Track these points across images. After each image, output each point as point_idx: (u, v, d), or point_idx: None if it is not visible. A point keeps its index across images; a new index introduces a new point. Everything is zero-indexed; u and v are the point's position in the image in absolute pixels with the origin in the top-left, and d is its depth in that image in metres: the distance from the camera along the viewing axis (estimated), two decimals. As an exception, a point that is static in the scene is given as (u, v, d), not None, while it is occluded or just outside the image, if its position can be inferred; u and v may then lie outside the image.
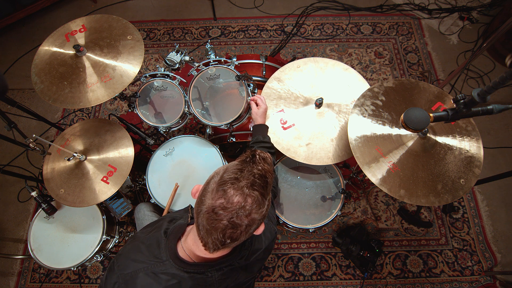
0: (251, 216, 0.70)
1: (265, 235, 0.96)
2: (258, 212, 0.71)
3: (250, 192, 0.70)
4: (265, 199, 0.73)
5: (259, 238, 0.94)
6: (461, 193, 1.18)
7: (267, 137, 1.38)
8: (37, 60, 1.45)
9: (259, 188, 0.72)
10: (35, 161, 2.47)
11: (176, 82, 1.59)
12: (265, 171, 0.75)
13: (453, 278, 2.05)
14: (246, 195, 0.70)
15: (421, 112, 1.01)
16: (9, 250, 2.22)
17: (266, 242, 0.95)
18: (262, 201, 0.72)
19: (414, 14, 2.99)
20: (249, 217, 0.70)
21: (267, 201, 0.74)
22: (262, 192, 0.72)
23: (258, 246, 0.93)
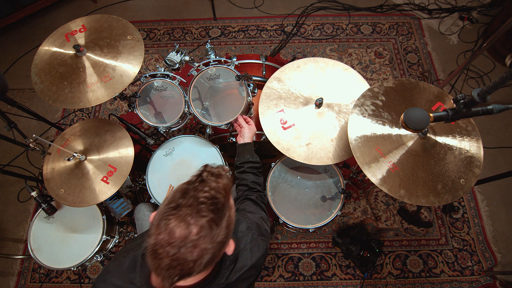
0: (199, 247, 0.62)
1: (251, 252, 0.88)
2: (209, 241, 0.63)
3: (195, 220, 0.62)
4: (218, 223, 0.65)
5: (244, 255, 0.87)
6: (461, 193, 1.18)
7: (255, 156, 1.30)
8: (37, 60, 1.45)
9: (207, 213, 0.63)
10: (35, 161, 2.47)
11: (176, 82, 1.59)
12: (216, 191, 0.67)
13: (453, 278, 2.05)
14: (190, 224, 0.62)
15: (421, 112, 1.01)
16: (9, 250, 2.22)
17: (253, 259, 0.87)
18: (212, 227, 0.64)
19: (414, 14, 2.99)
20: (197, 248, 0.62)
21: (223, 223, 0.66)
22: (212, 217, 0.64)
23: (243, 264, 0.85)
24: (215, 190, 0.67)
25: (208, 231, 0.63)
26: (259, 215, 1.05)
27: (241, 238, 0.89)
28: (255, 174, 1.26)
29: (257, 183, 1.23)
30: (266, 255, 0.97)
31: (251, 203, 1.12)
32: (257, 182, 1.24)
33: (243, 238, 0.89)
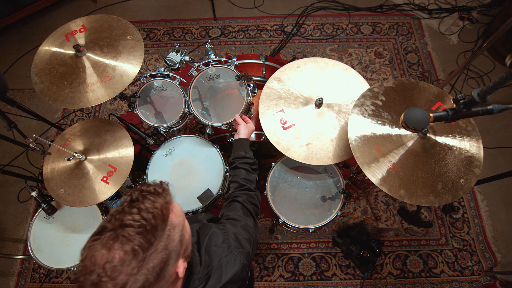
0: (124, 273, 0.56)
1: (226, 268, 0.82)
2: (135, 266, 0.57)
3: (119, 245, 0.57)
4: (148, 247, 0.59)
5: (217, 272, 0.80)
6: (461, 193, 1.18)
7: (249, 153, 1.27)
8: (37, 60, 1.45)
9: (133, 237, 0.58)
10: (35, 161, 2.47)
11: (176, 82, 1.59)
12: (147, 211, 0.61)
13: (453, 278, 2.05)
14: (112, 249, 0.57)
15: (421, 112, 1.00)
16: (9, 250, 2.22)
17: (227, 276, 0.80)
18: (138, 252, 0.58)
19: (414, 14, 2.99)
20: (122, 275, 0.56)
21: (157, 246, 0.61)
22: (140, 240, 0.58)
23: (216, 282, 0.79)
24: (146, 211, 0.61)
25: (133, 256, 0.57)
26: (243, 222, 0.98)
27: (214, 254, 0.83)
28: (247, 170, 1.21)
29: (249, 180, 1.18)
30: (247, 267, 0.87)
31: (238, 207, 1.06)
32: (248, 179, 1.18)
33: (216, 254, 0.83)
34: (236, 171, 1.22)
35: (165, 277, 0.64)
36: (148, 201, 0.64)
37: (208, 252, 0.84)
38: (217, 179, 1.59)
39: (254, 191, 1.17)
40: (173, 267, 0.65)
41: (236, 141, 1.34)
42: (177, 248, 0.66)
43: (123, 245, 0.57)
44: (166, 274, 0.64)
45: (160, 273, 0.61)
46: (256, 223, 1.05)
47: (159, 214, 0.63)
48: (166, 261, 0.63)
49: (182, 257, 0.69)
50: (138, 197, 0.64)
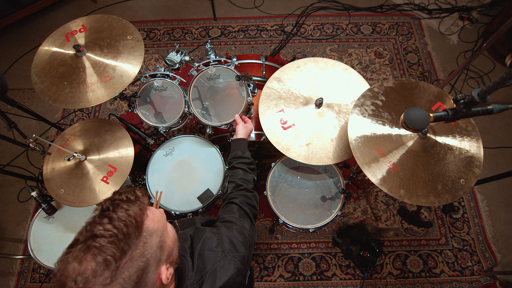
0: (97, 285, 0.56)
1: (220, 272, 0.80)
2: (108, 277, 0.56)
3: (90, 256, 0.56)
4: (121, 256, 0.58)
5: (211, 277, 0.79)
6: (461, 193, 1.18)
7: (247, 153, 1.26)
8: (37, 60, 1.45)
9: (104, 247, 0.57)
10: (35, 161, 2.47)
11: (176, 82, 1.59)
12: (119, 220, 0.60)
13: (453, 278, 2.05)
14: (83, 261, 0.56)
15: (421, 112, 1.00)
16: (9, 250, 2.22)
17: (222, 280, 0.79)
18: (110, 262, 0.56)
19: (414, 14, 2.99)
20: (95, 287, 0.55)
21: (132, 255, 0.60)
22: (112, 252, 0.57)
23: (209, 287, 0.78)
24: (118, 220, 0.60)
25: (105, 267, 0.56)
26: (238, 225, 0.96)
27: (207, 259, 0.82)
28: (244, 170, 1.20)
29: (246, 180, 1.17)
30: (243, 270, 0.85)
31: (234, 209, 1.04)
32: (245, 179, 1.17)
33: (210, 258, 0.82)
34: (234, 171, 1.22)
35: (147, 285, 0.63)
36: (120, 209, 0.62)
37: (202, 256, 0.82)
38: (217, 179, 1.59)
39: (251, 191, 1.16)
40: (154, 274, 0.64)
41: (234, 141, 1.34)
42: (156, 255, 0.65)
43: (94, 256, 0.56)
44: (148, 282, 0.63)
45: (138, 281, 0.60)
46: (253, 225, 1.03)
47: (132, 222, 0.61)
48: (144, 269, 0.62)
49: (165, 263, 0.68)
50: (109, 206, 0.63)
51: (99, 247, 0.57)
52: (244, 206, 1.06)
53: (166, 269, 0.67)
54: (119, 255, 0.58)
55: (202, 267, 0.80)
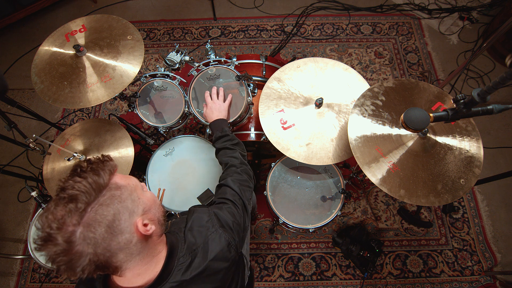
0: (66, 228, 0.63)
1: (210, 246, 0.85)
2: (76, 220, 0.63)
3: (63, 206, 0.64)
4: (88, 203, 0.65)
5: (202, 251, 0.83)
6: (461, 193, 1.18)
7: (225, 129, 1.26)
8: (37, 60, 1.45)
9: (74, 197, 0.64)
10: (35, 161, 2.47)
11: (176, 82, 1.59)
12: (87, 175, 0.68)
13: (453, 278, 2.05)
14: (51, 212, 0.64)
15: (421, 112, 1.01)
16: (9, 250, 2.22)
17: (212, 253, 0.83)
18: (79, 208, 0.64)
19: (414, 14, 2.99)
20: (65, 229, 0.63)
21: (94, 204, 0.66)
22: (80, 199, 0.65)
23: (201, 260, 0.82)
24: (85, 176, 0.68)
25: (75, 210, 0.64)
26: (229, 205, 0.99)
27: (198, 234, 0.87)
28: (227, 148, 1.21)
29: (232, 157, 1.19)
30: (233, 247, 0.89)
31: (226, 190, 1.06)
32: (231, 155, 1.19)
33: (201, 233, 0.87)
34: (219, 153, 1.24)
35: (123, 232, 0.69)
36: (89, 169, 0.70)
37: (192, 231, 0.87)
38: (217, 179, 1.59)
39: (240, 166, 1.16)
40: (128, 223, 0.70)
41: (210, 126, 1.33)
42: (127, 206, 0.71)
43: (65, 204, 0.64)
44: (123, 229, 0.69)
45: (110, 225, 0.67)
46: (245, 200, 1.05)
47: (100, 177, 0.69)
48: (115, 215, 0.68)
49: (142, 217, 0.73)
50: (77, 168, 0.70)
51: (68, 197, 0.65)
52: (235, 185, 1.06)
53: (141, 222, 0.72)
54: (87, 201, 0.65)
55: (194, 241, 0.85)
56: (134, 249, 0.72)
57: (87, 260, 0.65)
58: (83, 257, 0.64)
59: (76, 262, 0.64)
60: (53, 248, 0.62)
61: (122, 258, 0.70)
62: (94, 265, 0.66)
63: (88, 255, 0.65)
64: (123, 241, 0.69)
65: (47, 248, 0.63)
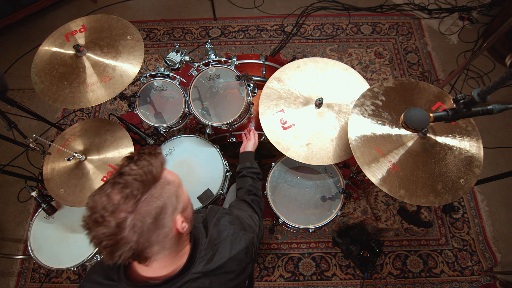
0: (120, 214, 0.65)
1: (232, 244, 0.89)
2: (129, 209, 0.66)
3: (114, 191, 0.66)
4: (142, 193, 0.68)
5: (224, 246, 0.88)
6: (461, 193, 1.18)
7: (255, 164, 1.40)
8: (37, 60, 1.45)
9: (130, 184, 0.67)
10: (35, 161, 2.47)
11: (176, 82, 1.59)
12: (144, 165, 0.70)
13: (453, 278, 2.05)
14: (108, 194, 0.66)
15: (421, 112, 1.01)
16: (9, 250, 2.22)
17: (233, 252, 0.88)
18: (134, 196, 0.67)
19: (414, 14, 2.99)
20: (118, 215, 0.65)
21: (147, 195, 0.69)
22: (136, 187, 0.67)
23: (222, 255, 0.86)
24: (142, 164, 0.70)
25: (131, 198, 0.66)
26: (248, 213, 1.07)
27: (222, 231, 0.91)
28: (253, 179, 1.31)
29: (255, 187, 1.28)
30: (251, 251, 0.93)
31: (245, 205, 1.16)
32: (254, 186, 1.29)
33: (224, 231, 0.91)
34: (243, 179, 1.31)
35: (164, 227, 0.72)
36: (143, 159, 0.72)
37: (217, 227, 0.92)
38: (217, 179, 1.59)
39: (259, 197, 1.25)
40: (170, 219, 0.73)
41: (243, 154, 1.43)
42: (172, 202, 0.74)
43: (121, 189, 0.66)
44: (165, 224, 0.72)
45: (156, 218, 0.70)
46: (261, 221, 1.11)
47: (154, 168, 0.71)
48: (162, 209, 0.71)
49: (180, 215, 0.76)
50: (134, 156, 0.73)
51: (125, 183, 0.67)
52: (254, 205, 1.17)
53: (181, 219, 0.75)
54: (141, 191, 0.68)
55: (216, 236, 0.89)
56: (168, 243, 0.74)
57: (128, 247, 0.67)
58: (126, 244, 0.67)
59: (120, 247, 0.66)
60: (103, 230, 0.64)
61: (155, 250, 0.72)
62: (131, 252, 0.68)
63: (131, 243, 0.67)
64: (162, 234, 0.72)
65: (98, 229, 0.65)
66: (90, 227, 0.66)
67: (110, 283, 0.79)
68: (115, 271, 0.80)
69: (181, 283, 0.78)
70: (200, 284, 0.81)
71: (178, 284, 0.78)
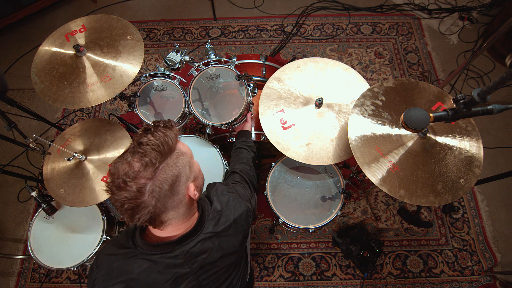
0: (140, 180, 0.71)
1: (234, 208, 0.99)
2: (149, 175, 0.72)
3: (135, 158, 0.72)
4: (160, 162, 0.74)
5: (227, 211, 0.97)
6: (461, 193, 1.18)
7: (250, 138, 1.51)
8: (37, 60, 1.45)
9: (149, 153, 0.72)
10: (35, 161, 2.47)
11: (176, 82, 1.59)
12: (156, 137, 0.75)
13: (453, 278, 2.05)
14: (130, 162, 0.72)
15: (421, 112, 1.01)
16: (9, 250, 2.22)
17: (235, 214, 0.98)
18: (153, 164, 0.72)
19: (414, 14, 2.99)
20: (139, 180, 0.71)
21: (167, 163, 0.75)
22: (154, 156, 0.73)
23: (227, 218, 0.96)
24: (159, 135, 0.75)
25: (150, 165, 0.72)
26: (241, 185, 1.16)
27: (223, 199, 1.00)
28: (246, 150, 1.42)
29: (247, 158, 1.38)
30: (249, 215, 1.03)
31: (236, 176, 1.24)
32: (247, 157, 1.38)
33: (225, 198, 1.01)
34: (238, 150, 1.42)
35: (179, 193, 0.79)
36: (159, 130, 0.77)
37: (217, 197, 1.00)
38: (217, 179, 1.59)
39: (251, 167, 1.34)
40: (184, 186, 0.80)
41: (239, 132, 1.55)
42: (185, 171, 0.80)
43: (141, 158, 0.72)
44: (179, 191, 0.79)
45: (172, 185, 0.76)
46: (252, 192, 1.20)
47: (169, 139, 0.77)
48: (177, 177, 0.77)
49: (192, 183, 0.83)
50: (151, 127, 0.78)
51: (143, 152, 0.72)
52: (245, 175, 1.25)
53: (193, 187, 0.82)
54: (160, 160, 0.74)
55: (219, 205, 0.97)
56: (182, 209, 0.82)
57: (147, 210, 0.73)
58: (145, 208, 0.73)
59: (140, 210, 0.73)
60: (125, 194, 0.70)
61: (170, 215, 0.79)
62: (149, 216, 0.74)
63: (150, 207, 0.73)
64: (177, 200, 0.79)
65: (120, 193, 0.71)
66: (113, 191, 0.72)
67: (126, 250, 0.84)
68: (129, 240, 0.86)
69: (195, 241, 0.85)
70: (211, 243, 0.88)
71: (193, 242, 0.85)
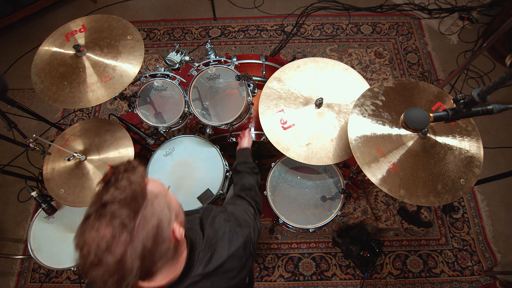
0: (117, 249, 0.59)
1: (229, 242, 0.87)
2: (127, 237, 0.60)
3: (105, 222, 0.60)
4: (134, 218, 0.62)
5: (221, 245, 0.86)
6: (461, 193, 1.18)
7: (250, 158, 1.37)
8: (37, 60, 1.45)
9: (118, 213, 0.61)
10: (35, 161, 2.47)
11: (176, 82, 1.59)
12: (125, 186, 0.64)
13: (453, 278, 2.05)
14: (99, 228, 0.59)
15: (421, 112, 1.00)
16: (9, 250, 2.22)
17: (231, 249, 0.86)
18: (126, 225, 0.61)
19: (414, 14, 2.99)
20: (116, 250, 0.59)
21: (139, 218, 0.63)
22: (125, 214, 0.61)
23: (221, 254, 0.84)
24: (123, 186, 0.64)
25: (123, 228, 0.60)
26: (243, 207, 1.05)
27: (218, 229, 0.89)
28: (248, 173, 1.29)
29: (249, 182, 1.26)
30: (249, 246, 0.91)
31: (239, 199, 1.15)
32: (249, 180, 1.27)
33: (220, 229, 0.89)
34: (238, 175, 1.30)
35: (165, 241, 0.68)
36: (121, 179, 0.65)
37: (212, 226, 0.89)
38: (217, 179, 1.59)
39: (255, 190, 1.23)
40: (168, 231, 0.69)
41: (239, 151, 1.42)
42: (166, 214, 0.69)
43: (110, 222, 0.60)
44: (165, 238, 0.68)
45: (156, 237, 0.65)
46: (257, 215, 1.09)
47: (136, 186, 0.65)
48: (159, 226, 0.66)
49: (176, 222, 0.72)
50: (111, 178, 0.66)
51: (112, 213, 0.60)
52: (249, 199, 1.14)
53: (177, 227, 0.72)
54: (133, 216, 0.62)
55: (213, 236, 0.87)
56: (170, 254, 0.71)
57: (134, 274, 0.62)
58: (131, 272, 0.62)
59: (126, 278, 0.61)
60: (103, 270, 0.59)
61: (160, 265, 0.69)
62: (138, 277, 0.64)
63: (136, 270, 0.62)
64: (164, 249, 0.69)
65: (97, 271, 0.59)
66: (88, 271, 0.59)
67: None
68: None
69: None
70: (201, 286, 0.79)
71: None
